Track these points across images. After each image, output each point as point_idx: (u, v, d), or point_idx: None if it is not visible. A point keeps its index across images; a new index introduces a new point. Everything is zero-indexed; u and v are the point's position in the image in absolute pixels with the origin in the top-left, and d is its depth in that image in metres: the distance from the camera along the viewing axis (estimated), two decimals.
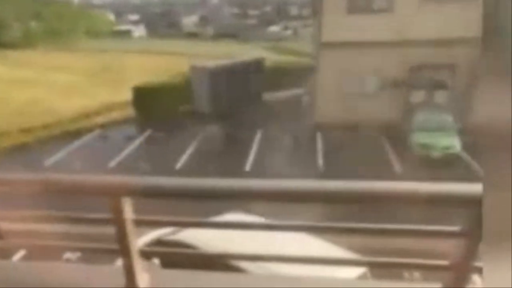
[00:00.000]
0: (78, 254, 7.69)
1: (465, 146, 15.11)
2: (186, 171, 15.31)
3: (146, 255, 2.22)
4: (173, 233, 6.84)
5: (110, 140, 19.53)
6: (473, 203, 1.71)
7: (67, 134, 19.77)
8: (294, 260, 2.30)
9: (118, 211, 1.94)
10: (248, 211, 6.71)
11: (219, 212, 6.84)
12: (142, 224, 2.13)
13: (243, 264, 4.90)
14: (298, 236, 4.99)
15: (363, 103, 18.69)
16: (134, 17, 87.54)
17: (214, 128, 19.67)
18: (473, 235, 1.75)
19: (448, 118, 16.20)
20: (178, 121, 20.89)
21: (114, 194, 1.93)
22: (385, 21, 17.79)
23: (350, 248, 5.70)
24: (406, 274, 7.15)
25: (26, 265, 3.02)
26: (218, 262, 2.96)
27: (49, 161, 16.71)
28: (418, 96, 18.81)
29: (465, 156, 15.10)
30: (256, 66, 24.54)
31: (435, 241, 2.06)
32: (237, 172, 14.95)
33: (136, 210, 2.01)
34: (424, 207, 1.86)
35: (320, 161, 15.87)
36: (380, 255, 2.12)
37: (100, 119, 22.00)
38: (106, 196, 1.94)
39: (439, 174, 13.31)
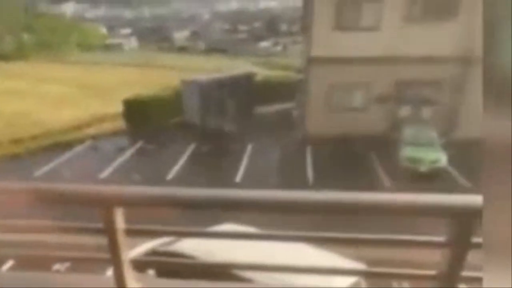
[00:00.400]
0: (67, 264, 7.58)
1: (451, 160, 15.31)
2: (177, 183, 15.25)
3: (140, 265, 2.19)
4: (168, 244, 6.77)
5: (101, 151, 19.40)
6: (459, 213, 1.72)
7: (58, 145, 19.59)
8: (290, 270, 2.29)
9: (109, 221, 1.92)
10: (237, 221, 6.66)
11: (209, 225, 6.78)
12: (134, 234, 2.10)
13: (241, 274, 4.86)
14: (293, 245, 4.98)
15: (352, 117, 18.88)
16: (126, 31, 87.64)
17: (205, 140, 19.64)
18: (459, 245, 1.75)
19: (434, 133, 16.41)
20: (169, 133, 20.87)
21: (105, 204, 1.91)
22: (372, 38, 18.04)
23: (344, 254, 5.74)
24: (395, 283, 7.18)
25: (14, 275, 2.96)
26: (215, 272, 2.93)
27: (40, 171, 16.53)
28: (405, 111, 19.03)
29: (452, 170, 15.30)
30: (247, 80, 24.60)
31: (420, 251, 2.06)
32: (228, 183, 14.91)
33: (130, 220, 1.99)
34: (407, 218, 1.84)
35: (310, 174, 15.90)
36: (369, 263, 2.12)
37: (91, 131, 21.86)
38: (97, 206, 1.91)
39: (427, 188, 13.45)
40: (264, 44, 63.76)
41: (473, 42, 16.05)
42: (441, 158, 15.32)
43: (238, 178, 15.66)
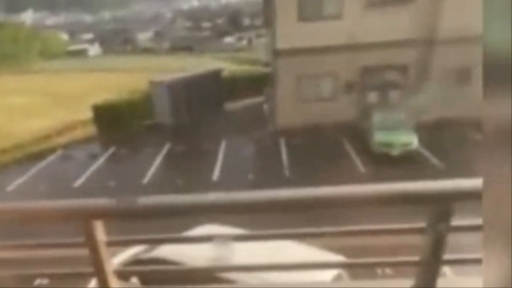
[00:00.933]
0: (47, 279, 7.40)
1: (422, 142, 15.56)
2: (154, 185, 14.99)
3: (124, 274, 2.17)
4: (148, 250, 6.69)
5: (74, 159, 18.98)
6: (438, 199, 1.75)
7: (29, 157, 19.10)
8: (273, 268, 2.30)
9: (90, 234, 1.89)
10: (217, 221, 6.63)
11: (189, 225, 6.74)
12: (116, 244, 2.08)
13: (224, 275, 4.86)
14: (274, 242, 5.00)
15: (321, 106, 18.98)
16: (88, 36, 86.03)
17: (178, 140, 19.47)
18: (439, 229, 1.79)
19: (403, 116, 16.59)
20: (142, 136, 20.58)
21: (84, 217, 1.88)
22: (335, 27, 18.14)
23: (325, 247, 5.79)
24: (379, 270, 7.27)
25: None
26: (199, 276, 2.92)
27: (12, 185, 16.08)
28: (372, 96, 19.22)
29: (423, 151, 15.54)
30: (214, 77, 24.46)
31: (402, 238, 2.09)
32: (205, 182, 14.77)
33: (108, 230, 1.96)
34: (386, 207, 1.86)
35: (286, 165, 15.92)
36: (352, 252, 2.15)
37: (62, 139, 21.36)
38: (77, 219, 1.88)
39: (401, 170, 13.72)
40: (228, 39, 63.63)
41: (434, 23, 16.38)
42: (412, 141, 15.46)
43: (215, 176, 15.56)
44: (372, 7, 17.86)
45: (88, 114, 22.16)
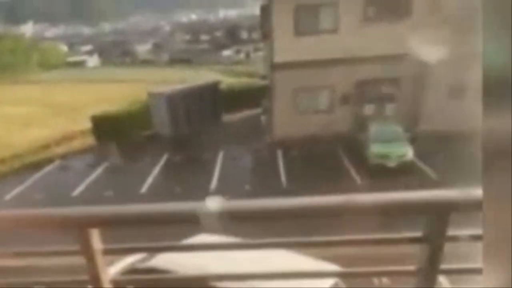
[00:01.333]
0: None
1: (417, 153, 15.62)
2: (152, 195, 14.99)
3: (120, 284, 2.16)
4: (144, 260, 6.67)
5: (72, 169, 18.95)
6: (435, 209, 1.78)
7: (28, 166, 19.07)
8: (268, 277, 2.30)
9: (86, 242, 1.89)
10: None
11: (186, 235, 6.72)
12: (112, 253, 2.07)
13: (220, 285, 4.84)
14: (269, 252, 4.98)
15: (318, 118, 19.03)
16: (87, 47, 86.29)
17: (176, 151, 19.48)
18: (436, 239, 1.81)
19: (399, 129, 16.68)
20: (140, 147, 20.57)
21: (80, 225, 1.87)
22: (331, 41, 18.29)
23: (321, 256, 5.78)
24: (375, 280, 7.24)
25: None
26: (195, 285, 2.91)
27: (11, 195, 16.03)
28: (368, 109, 19.32)
29: (419, 162, 15.59)
30: (212, 89, 24.55)
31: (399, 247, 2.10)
32: (203, 191, 14.73)
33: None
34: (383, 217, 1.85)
35: (283, 176, 15.94)
36: (348, 261, 2.14)
37: (60, 150, 21.34)
38: (72, 228, 1.88)
39: (397, 181, 13.75)
40: (226, 52, 63.94)
41: (435, 39, 16.55)
42: (408, 152, 15.59)
43: (213, 185, 15.58)
44: (368, 21, 18.05)
45: (87, 124, 22.16)
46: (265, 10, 19.98)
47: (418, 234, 1.84)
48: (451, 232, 1.81)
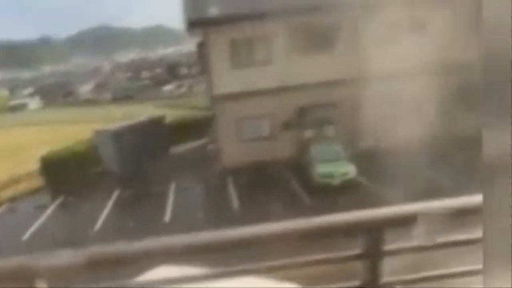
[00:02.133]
0: None
1: (359, 170, 15.91)
2: (105, 232, 14.27)
3: None
4: None
5: (20, 212, 17.85)
6: (373, 226, 1.83)
7: None
8: None
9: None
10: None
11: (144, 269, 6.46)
12: None
13: None
14: (234, 280, 4.86)
15: (262, 145, 19.18)
16: (28, 90, 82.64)
17: (127, 187, 18.88)
18: (373, 255, 1.87)
19: (339, 148, 17.01)
20: (90, 185, 19.69)
21: (26, 276, 1.64)
22: (266, 71, 18.70)
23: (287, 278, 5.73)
24: None
25: None
26: None
27: None
28: (309, 133, 19.60)
29: (361, 179, 15.84)
30: (157, 123, 24.16)
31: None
32: (158, 224, 14.28)
33: None
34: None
35: (235, 203, 15.74)
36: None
37: (7, 193, 20.00)
38: (19, 279, 1.65)
39: (342, 199, 13.99)
40: (168, 87, 63.32)
41: (360, 64, 17.39)
42: (350, 170, 15.83)
43: (167, 218, 15.17)
44: (297, 52, 18.61)
45: (33, 166, 21.06)
46: (202, 46, 20.16)
47: (357, 251, 1.85)
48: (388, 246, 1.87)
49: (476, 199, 1.66)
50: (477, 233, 1.72)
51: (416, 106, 16.95)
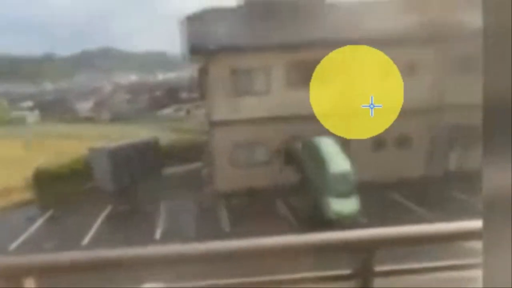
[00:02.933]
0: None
1: None
2: (93, 246, 14.02)
3: None
4: None
5: (10, 223, 17.51)
6: (365, 247, 1.82)
7: None
8: None
9: None
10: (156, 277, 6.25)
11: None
12: None
13: None
14: None
15: (257, 170, 19.25)
16: (28, 103, 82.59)
17: (118, 204, 18.64)
18: (363, 275, 1.84)
19: (354, 177, 16.21)
20: (81, 200, 19.46)
21: (14, 275, 1.63)
22: (264, 101, 18.94)
23: None
24: None
25: None
26: None
27: None
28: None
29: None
30: (152, 144, 24.13)
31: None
32: (147, 241, 14.06)
33: None
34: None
35: (226, 226, 15.59)
36: None
37: None
38: (7, 277, 1.63)
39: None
40: (166, 110, 63.58)
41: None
42: (357, 207, 14.46)
43: (157, 235, 14.94)
44: (291, 85, 18.93)
45: (26, 179, 20.81)
46: (203, 72, 20.36)
47: (347, 271, 1.85)
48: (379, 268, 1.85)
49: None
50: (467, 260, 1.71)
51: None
